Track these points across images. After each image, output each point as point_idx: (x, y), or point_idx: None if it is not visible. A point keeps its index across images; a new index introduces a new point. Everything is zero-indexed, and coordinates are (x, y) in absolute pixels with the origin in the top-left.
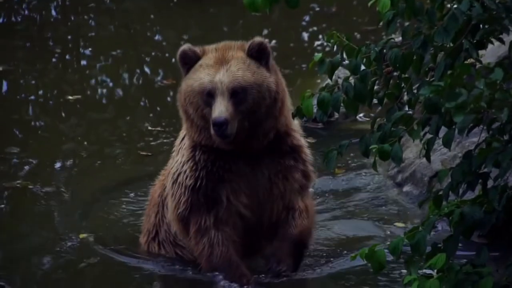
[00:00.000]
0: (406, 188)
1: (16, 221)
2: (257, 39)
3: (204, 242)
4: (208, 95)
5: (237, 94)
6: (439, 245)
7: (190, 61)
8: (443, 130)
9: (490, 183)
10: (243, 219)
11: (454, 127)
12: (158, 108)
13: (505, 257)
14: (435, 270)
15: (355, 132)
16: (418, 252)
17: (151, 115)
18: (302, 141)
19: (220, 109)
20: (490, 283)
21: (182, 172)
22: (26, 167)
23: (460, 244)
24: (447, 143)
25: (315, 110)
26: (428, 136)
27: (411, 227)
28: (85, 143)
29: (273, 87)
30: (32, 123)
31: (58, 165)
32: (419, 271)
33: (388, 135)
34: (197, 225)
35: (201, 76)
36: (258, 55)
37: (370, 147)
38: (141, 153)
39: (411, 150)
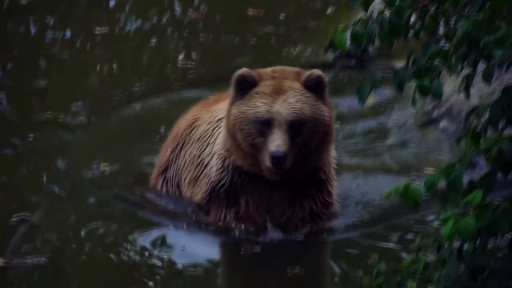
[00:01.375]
0: (442, 124)
1: (45, 152)
2: (316, 72)
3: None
4: (264, 125)
5: (294, 126)
6: (476, 182)
7: (247, 86)
8: (481, 65)
9: None
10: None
11: (493, 61)
12: (187, 41)
13: None
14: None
15: (388, 68)
16: (455, 190)
17: (180, 48)
18: (332, 173)
19: (279, 142)
20: None
21: (210, 165)
22: (54, 100)
23: None
24: (487, 78)
25: (348, 44)
26: (466, 71)
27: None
28: (112, 76)
29: (327, 121)
30: (58, 56)
31: (85, 97)
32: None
33: (424, 70)
34: (217, 217)
35: (258, 104)
36: (314, 87)
37: (408, 83)
38: (174, 85)
39: (448, 85)
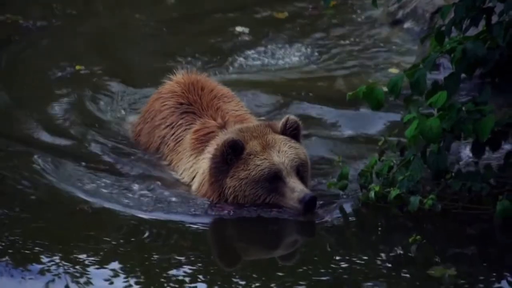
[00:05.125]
0: (406, 25)
1: (8, 54)
2: (291, 118)
3: None
4: (272, 180)
5: (298, 172)
6: (440, 83)
7: (237, 151)
8: None
9: (494, 19)
10: None
11: None
12: None
13: (508, 95)
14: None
15: None
16: (418, 90)
17: None
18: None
19: (300, 187)
20: (492, 121)
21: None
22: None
23: None
24: None
25: None
26: None
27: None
28: None
29: (309, 162)
30: None
31: None
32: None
33: None
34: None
35: (258, 163)
36: (294, 132)
37: None
38: None
39: None
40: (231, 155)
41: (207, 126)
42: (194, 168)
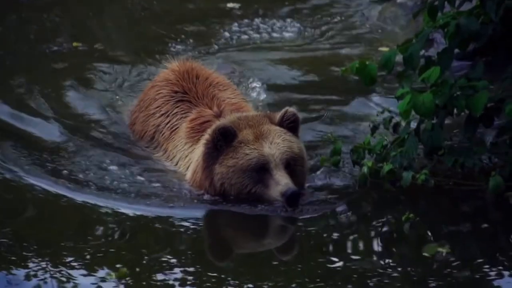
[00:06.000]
0: (400, 0)
1: (6, 32)
2: (290, 110)
3: None
4: (259, 171)
5: (288, 165)
6: (433, 58)
7: (229, 138)
8: None
9: None
10: None
11: None
12: None
13: (501, 71)
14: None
15: None
16: (411, 66)
17: None
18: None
19: (285, 180)
20: (485, 97)
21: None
22: None
23: None
24: None
25: None
26: None
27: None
28: None
29: (306, 157)
30: None
31: None
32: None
33: None
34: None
35: (247, 152)
36: (291, 125)
37: None
38: None
39: None
40: (222, 141)
41: (203, 115)
42: (190, 157)
